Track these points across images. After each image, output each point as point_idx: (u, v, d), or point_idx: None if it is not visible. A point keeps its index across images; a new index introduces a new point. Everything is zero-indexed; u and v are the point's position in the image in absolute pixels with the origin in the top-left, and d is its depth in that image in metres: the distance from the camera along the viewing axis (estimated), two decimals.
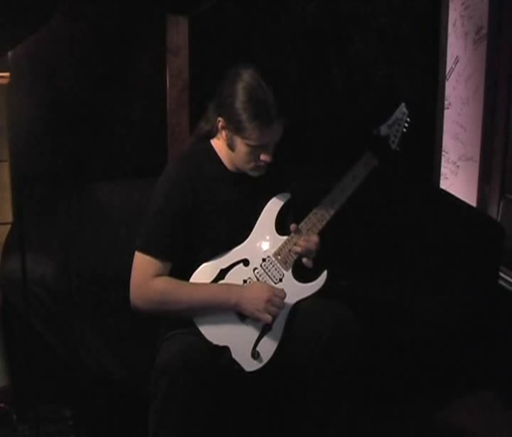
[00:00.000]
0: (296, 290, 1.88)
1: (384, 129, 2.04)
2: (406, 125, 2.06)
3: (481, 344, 2.41)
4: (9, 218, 2.16)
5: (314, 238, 1.90)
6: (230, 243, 1.87)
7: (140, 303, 1.81)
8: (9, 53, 2.04)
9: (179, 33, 2.43)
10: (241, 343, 1.79)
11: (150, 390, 1.66)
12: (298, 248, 1.89)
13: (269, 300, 1.78)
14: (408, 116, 2.07)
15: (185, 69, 2.47)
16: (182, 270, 1.84)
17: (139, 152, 2.53)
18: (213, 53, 2.55)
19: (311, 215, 1.93)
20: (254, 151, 1.82)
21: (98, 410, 1.93)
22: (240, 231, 1.89)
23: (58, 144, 2.39)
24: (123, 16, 2.41)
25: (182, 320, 1.80)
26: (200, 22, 2.48)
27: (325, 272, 1.89)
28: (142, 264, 1.81)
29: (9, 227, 2.12)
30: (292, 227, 1.91)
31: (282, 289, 1.83)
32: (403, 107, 2.08)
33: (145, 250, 1.81)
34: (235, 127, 1.80)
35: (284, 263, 1.89)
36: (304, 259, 1.91)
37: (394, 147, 2.06)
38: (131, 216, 2.18)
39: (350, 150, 2.11)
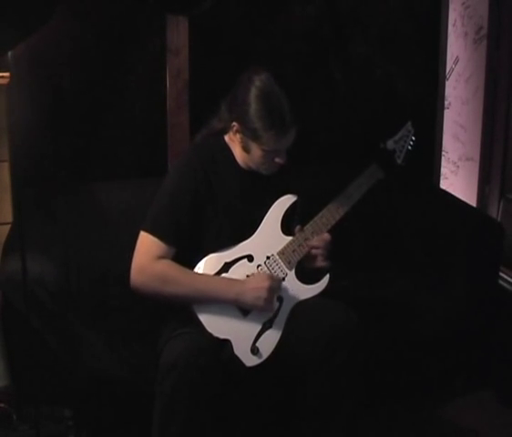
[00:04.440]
0: (298, 291, 1.89)
1: (390, 144, 2.11)
2: (412, 142, 2.12)
3: (481, 344, 2.41)
4: (9, 218, 2.16)
5: (325, 236, 1.91)
6: (236, 237, 1.89)
7: (140, 283, 1.82)
8: (9, 53, 2.04)
9: (179, 33, 2.43)
10: (242, 338, 1.80)
11: (156, 389, 1.66)
12: (306, 248, 1.90)
13: (271, 289, 1.80)
14: (414, 135, 2.14)
15: (185, 69, 2.47)
16: (187, 259, 1.84)
17: (139, 152, 2.53)
18: (213, 53, 2.55)
19: (316, 218, 1.96)
20: (269, 155, 1.85)
21: (98, 410, 1.93)
22: (247, 227, 1.91)
23: (58, 144, 2.39)
24: (123, 16, 2.41)
25: (185, 318, 1.80)
26: (200, 22, 2.48)
27: (327, 276, 1.91)
28: (146, 244, 1.83)
29: (9, 227, 2.11)
30: (297, 228, 1.93)
31: (278, 276, 1.87)
32: (409, 125, 2.15)
33: (151, 231, 1.82)
34: (250, 134, 1.82)
35: (288, 263, 1.90)
36: (319, 260, 1.92)
37: (399, 161, 2.13)
38: (131, 216, 2.17)
39: (356, 156, 2.19)
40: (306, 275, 1.92)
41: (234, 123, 1.86)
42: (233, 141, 1.92)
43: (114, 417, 1.92)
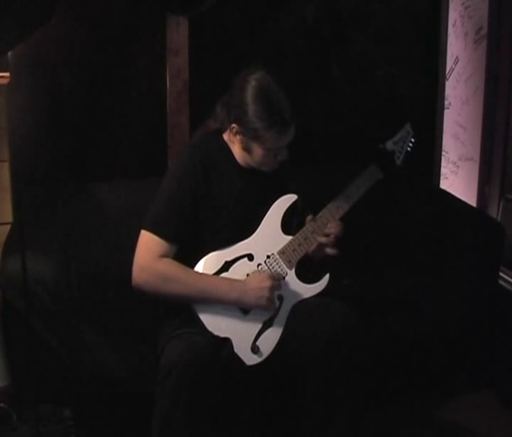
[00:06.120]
0: (298, 290, 1.89)
1: (389, 145, 2.13)
2: (411, 144, 2.13)
3: (481, 344, 2.41)
4: (9, 218, 2.16)
5: (339, 224, 1.93)
6: (236, 236, 1.89)
7: (142, 282, 1.81)
8: (9, 53, 2.04)
9: (179, 33, 2.43)
10: (242, 337, 1.81)
11: (156, 389, 1.66)
12: (321, 239, 1.92)
13: (272, 288, 1.80)
14: (413, 136, 2.16)
15: (185, 69, 2.47)
16: (187, 258, 1.85)
17: (139, 152, 2.53)
18: (213, 53, 2.55)
19: (316, 218, 1.96)
20: (270, 153, 1.85)
21: (98, 410, 1.93)
22: (247, 226, 1.91)
23: (58, 144, 2.39)
24: (123, 16, 2.41)
25: (185, 318, 1.81)
26: (200, 22, 2.48)
27: (328, 275, 1.91)
28: (148, 243, 1.82)
29: (9, 227, 2.12)
30: (309, 218, 1.94)
31: (279, 274, 1.87)
32: (408, 127, 2.17)
33: (152, 230, 1.82)
34: (251, 135, 1.82)
35: (288, 262, 1.91)
36: (328, 249, 1.92)
37: (398, 162, 2.14)
38: (131, 216, 2.17)
39: (356, 157, 2.23)
40: (306, 274, 1.93)
41: (233, 125, 1.86)
42: (232, 141, 1.92)
43: (114, 417, 1.92)
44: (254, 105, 1.78)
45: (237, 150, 1.92)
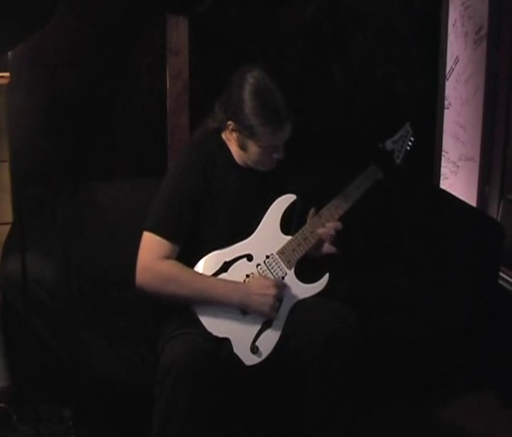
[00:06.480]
0: (298, 290, 1.89)
1: (389, 144, 2.13)
2: (410, 143, 2.13)
3: (481, 344, 2.41)
4: (9, 218, 2.16)
5: (337, 225, 1.94)
6: (235, 236, 1.89)
7: (145, 283, 1.82)
8: (9, 53, 2.04)
9: (179, 33, 2.43)
10: (242, 337, 1.81)
11: (155, 389, 1.66)
12: (320, 231, 1.92)
13: (276, 296, 1.80)
14: (412, 136, 2.16)
15: (185, 69, 2.47)
16: (186, 258, 1.85)
17: (139, 152, 2.53)
18: (213, 53, 2.55)
19: (315, 218, 1.96)
20: (266, 151, 1.85)
21: (98, 410, 1.93)
22: (246, 226, 1.91)
23: (58, 144, 2.39)
24: (123, 16, 2.41)
25: (185, 318, 1.81)
26: (200, 22, 2.48)
27: (327, 275, 1.91)
28: (150, 244, 1.83)
29: (9, 227, 2.12)
30: (312, 212, 1.95)
31: (283, 281, 1.87)
32: (407, 126, 2.17)
33: (154, 231, 1.83)
34: (247, 132, 1.82)
35: (287, 262, 1.91)
36: (326, 245, 1.94)
37: (398, 161, 2.14)
38: (131, 216, 2.17)
39: (355, 156, 2.23)
40: (306, 274, 1.93)
41: (230, 122, 1.86)
42: (230, 140, 1.93)
43: (114, 417, 1.92)
44: (251, 102, 1.79)
45: (234, 149, 1.92)
